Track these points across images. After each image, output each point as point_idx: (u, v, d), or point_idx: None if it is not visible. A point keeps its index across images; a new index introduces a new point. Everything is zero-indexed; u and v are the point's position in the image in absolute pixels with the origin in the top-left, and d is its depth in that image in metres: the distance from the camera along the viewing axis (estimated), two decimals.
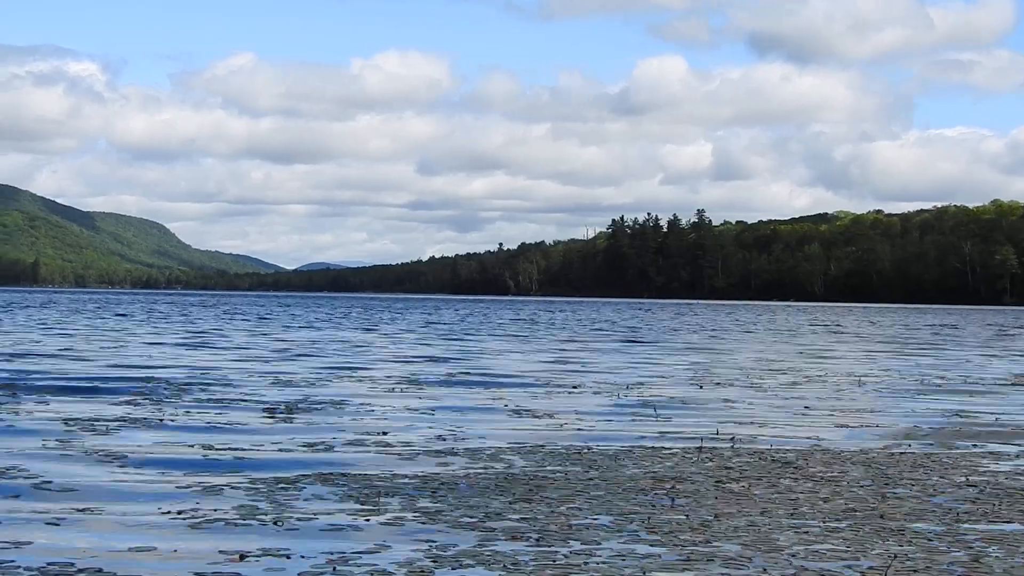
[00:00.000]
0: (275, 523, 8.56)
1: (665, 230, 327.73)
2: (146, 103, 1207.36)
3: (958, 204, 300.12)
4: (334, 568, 7.31)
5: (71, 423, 14.24)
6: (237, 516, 8.77)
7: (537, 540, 8.14)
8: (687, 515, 9.07)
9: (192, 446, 12.53)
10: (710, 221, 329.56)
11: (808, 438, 14.19)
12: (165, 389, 19.14)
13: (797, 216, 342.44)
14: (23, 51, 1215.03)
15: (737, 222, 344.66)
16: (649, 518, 8.92)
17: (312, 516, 8.82)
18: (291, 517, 8.77)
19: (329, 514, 8.90)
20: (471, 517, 8.86)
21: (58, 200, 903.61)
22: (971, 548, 8.10)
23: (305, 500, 9.45)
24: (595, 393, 20.20)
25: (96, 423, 14.32)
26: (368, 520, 8.71)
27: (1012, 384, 24.20)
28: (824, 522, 8.89)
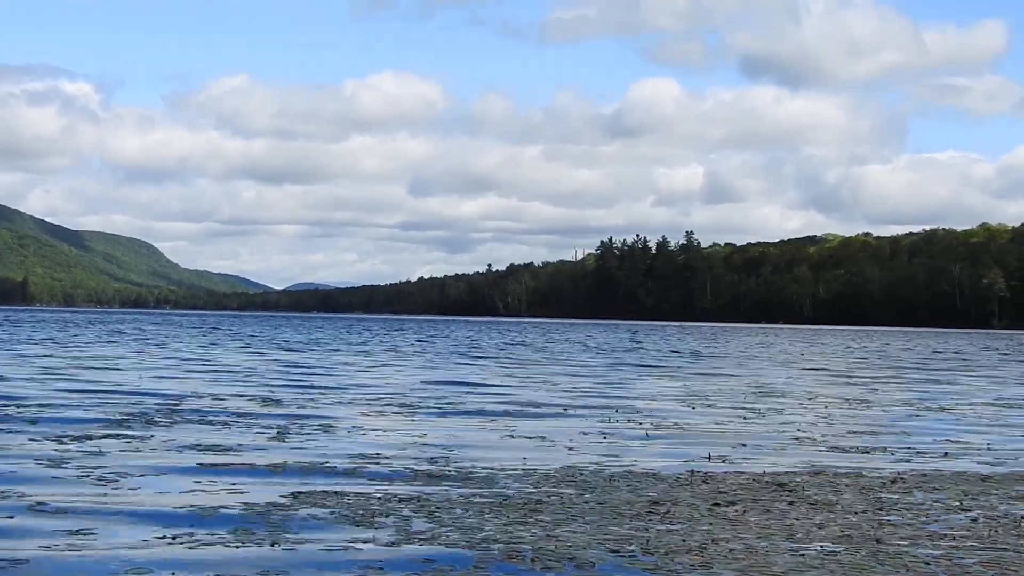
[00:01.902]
0: (271, 545, 8.55)
1: (654, 252, 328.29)
2: (140, 123, 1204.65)
3: (947, 228, 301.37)
4: None
5: (64, 443, 14.21)
6: (233, 538, 8.75)
7: (533, 561, 8.14)
8: (683, 539, 9.06)
9: (186, 467, 12.50)
10: (699, 243, 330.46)
11: (802, 462, 14.19)
12: (158, 410, 19.10)
13: (787, 239, 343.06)
14: (18, 70, 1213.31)
15: (726, 244, 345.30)
16: (645, 541, 8.92)
17: (308, 538, 8.80)
18: (287, 539, 8.76)
19: (325, 536, 8.88)
20: (467, 538, 8.85)
21: (49, 219, 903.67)
22: (968, 573, 8.10)
23: (301, 522, 9.43)
24: (586, 414, 20.18)
25: (89, 443, 14.28)
26: (364, 541, 8.70)
27: (1002, 408, 24.22)
28: (821, 546, 8.90)
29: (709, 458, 14.30)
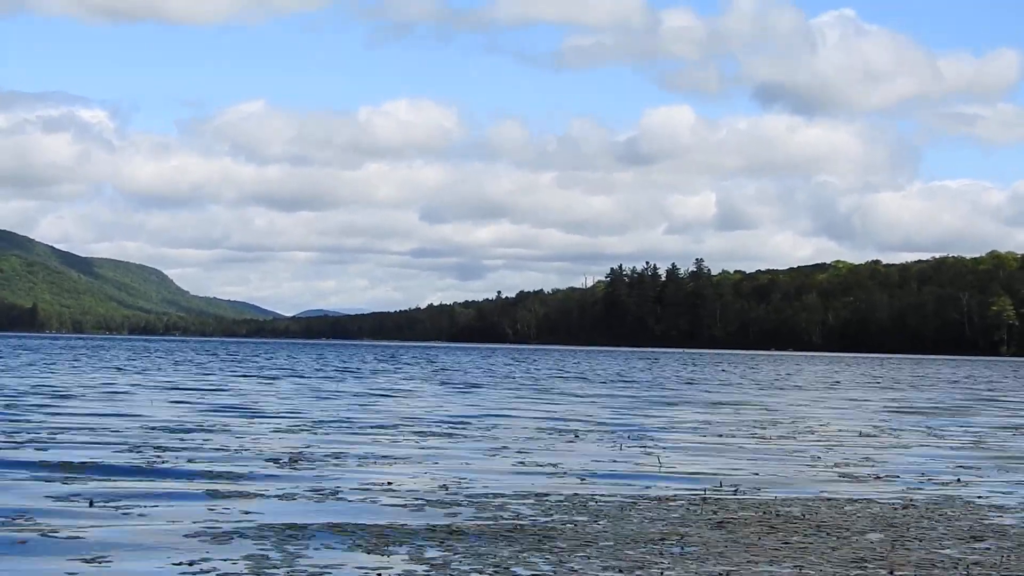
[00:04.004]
0: (287, 574, 8.56)
1: (664, 279, 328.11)
2: (154, 150, 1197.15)
3: (956, 255, 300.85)
4: None
5: (75, 470, 14.23)
6: (247, 566, 8.77)
7: None
8: (697, 567, 9.07)
9: (198, 495, 12.51)
10: (709, 270, 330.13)
11: (814, 489, 14.18)
12: (168, 438, 19.12)
13: (797, 266, 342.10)
14: (34, 97, 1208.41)
15: (735, 271, 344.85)
16: (660, 571, 8.92)
17: (323, 566, 8.81)
18: (302, 567, 8.77)
19: (340, 564, 8.90)
20: (481, 567, 8.86)
21: (59, 246, 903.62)
22: None
23: (315, 550, 9.44)
24: (597, 442, 20.18)
25: (100, 471, 14.29)
26: (379, 570, 8.71)
27: (1013, 435, 24.19)
28: (835, 574, 8.89)
29: (721, 485, 14.30)
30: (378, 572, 8.65)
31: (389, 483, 13.90)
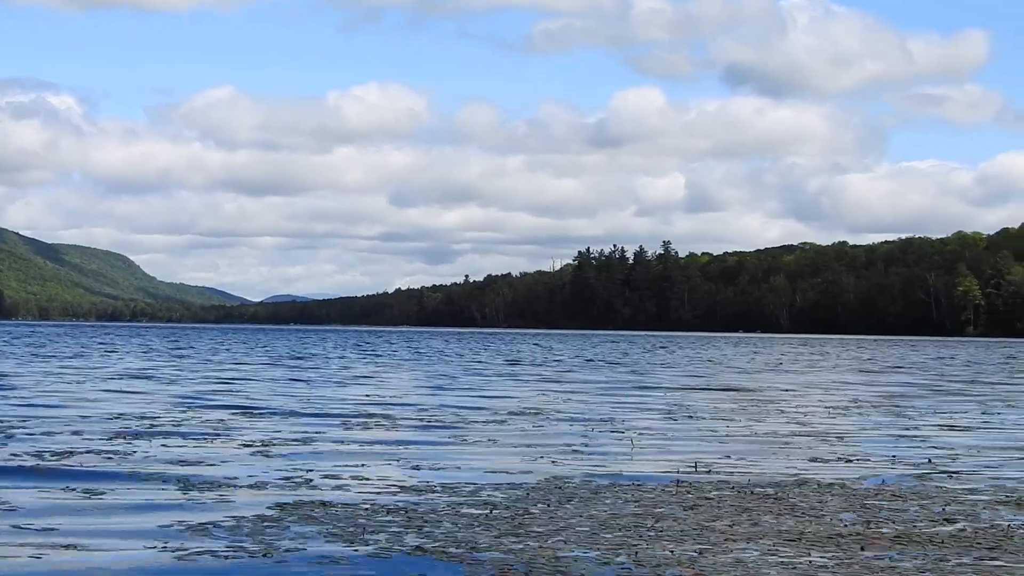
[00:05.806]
0: (264, 557, 8.52)
1: (631, 262, 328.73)
2: (123, 136, 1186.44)
3: (923, 236, 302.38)
4: None
5: (46, 457, 14.15)
6: (224, 552, 8.72)
7: (526, 574, 8.14)
8: (673, 549, 9.07)
9: (169, 481, 12.45)
10: (676, 253, 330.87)
11: (787, 471, 14.22)
12: (139, 423, 19.04)
13: (766, 248, 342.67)
14: (3, 83, 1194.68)
15: (703, 253, 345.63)
16: (636, 552, 8.93)
17: (300, 551, 8.78)
18: (279, 552, 8.73)
19: (317, 549, 8.86)
20: (459, 552, 8.84)
21: (25, 232, 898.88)
22: None
23: (290, 536, 9.40)
24: (569, 426, 20.18)
25: (71, 457, 14.22)
26: (356, 555, 8.68)
27: (985, 415, 24.32)
28: (810, 556, 8.91)
29: (695, 468, 14.32)
30: (355, 557, 8.61)
31: (361, 466, 13.87)
